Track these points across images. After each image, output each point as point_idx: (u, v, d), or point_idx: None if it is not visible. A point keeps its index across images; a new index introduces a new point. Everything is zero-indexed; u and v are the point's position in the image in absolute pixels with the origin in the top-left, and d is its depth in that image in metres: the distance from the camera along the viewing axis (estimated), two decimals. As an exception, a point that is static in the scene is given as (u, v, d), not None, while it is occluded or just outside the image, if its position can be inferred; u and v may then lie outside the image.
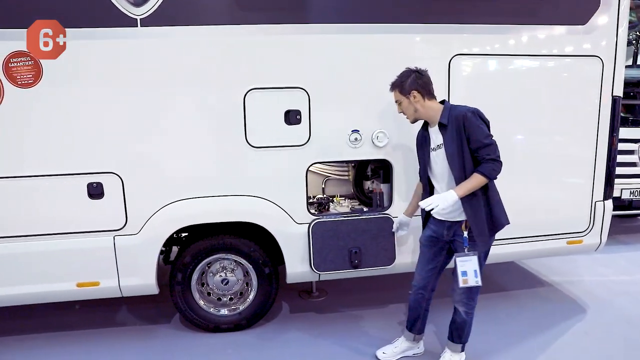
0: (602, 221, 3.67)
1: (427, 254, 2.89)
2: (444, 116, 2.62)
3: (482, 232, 2.61)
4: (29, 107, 2.86)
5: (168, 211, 3.07)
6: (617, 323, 3.56)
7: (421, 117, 2.72)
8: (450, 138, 2.58)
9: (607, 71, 3.47)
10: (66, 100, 2.89)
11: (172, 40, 2.92)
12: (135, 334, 3.45)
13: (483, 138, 2.52)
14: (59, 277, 3.06)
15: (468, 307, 2.79)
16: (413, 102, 2.65)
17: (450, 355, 2.93)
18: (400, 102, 2.72)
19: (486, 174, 2.51)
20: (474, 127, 2.52)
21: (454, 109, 2.62)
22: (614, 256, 4.99)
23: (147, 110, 2.96)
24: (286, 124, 3.11)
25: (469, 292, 2.73)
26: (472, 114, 2.55)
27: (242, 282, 3.45)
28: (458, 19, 3.22)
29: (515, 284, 4.29)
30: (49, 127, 2.90)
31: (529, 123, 3.47)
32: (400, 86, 2.68)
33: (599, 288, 4.19)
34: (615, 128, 3.57)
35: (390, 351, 3.11)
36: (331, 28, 3.07)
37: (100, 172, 2.98)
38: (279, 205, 3.20)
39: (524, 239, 3.58)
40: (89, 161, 2.96)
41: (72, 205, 2.99)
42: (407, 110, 2.71)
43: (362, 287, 4.17)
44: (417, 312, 3.00)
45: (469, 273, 2.57)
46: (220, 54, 2.99)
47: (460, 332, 2.88)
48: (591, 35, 3.42)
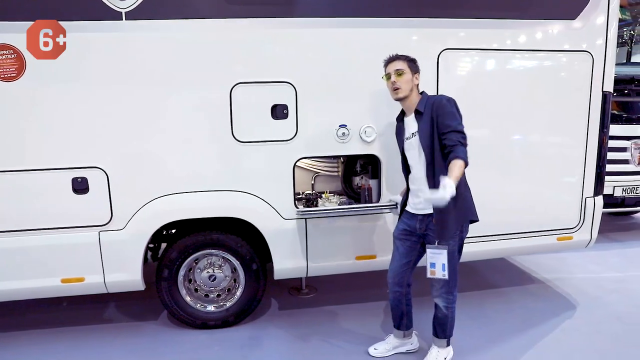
0: (592, 218, 3.66)
1: (401, 249, 2.88)
2: (422, 104, 2.66)
3: (445, 226, 2.62)
4: (11, 101, 2.83)
5: (154, 206, 3.05)
6: (607, 320, 3.54)
7: (405, 98, 2.69)
8: (425, 122, 2.62)
9: (598, 66, 3.45)
10: (50, 94, 2.86)
11: (158, 34, 2.90)
12: (123, 331, 3.42)
13: (456, 124, 2.55)
14: (44, 272, 3.04)
15: (447, 301, 2.79)
16: (414, 81, 2.69)
17: (437, 351, 2.91)
18: (403, 73, 2.65)
19: (465, 158, 2.49)
20: (446, 112, 2.56)
21: (430, 97, 2.68)
22: (605, 253, 4.98)
23: (132, 105, 2.94)
24: (273, 118, 3.08)
25: (447, 286, 2.73)
26: (447, 100, 2.60)
27: (230, 278, 3.42)
28: (447, 13, 3.20)
29: (506, 281, 4.28)
30: (32, 122, 2.87)
31: (519, 118, 3.45)
32: (412, 61, 2.71)
33: (589, 285, 4.17)
34: (606, 124, 3.55)
35: (382, 348, 3.09)
36: (318, 22, 3.05)
37: (85, 166, 2.95)
38: (266, 200, 3.17)
39: (514, 235, 3.56)
40: (74, 156, 2.93)
41: (56, 201, 2.96)
42: (407, 84, 2.66)
43: (352, 284, 4.15)
44: (400, 309, 2.98)
45: (437, 266, 2.59)
46: (207, 48, 2.97)
47: (444, 326, 2.87)
48: (581, 30, 3.40)
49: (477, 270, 4.48)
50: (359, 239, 3.36)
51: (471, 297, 3.92)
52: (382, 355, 3.06)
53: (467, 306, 3.67)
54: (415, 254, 2.88)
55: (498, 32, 3.29)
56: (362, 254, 3.38)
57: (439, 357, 2.90)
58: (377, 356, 3.05)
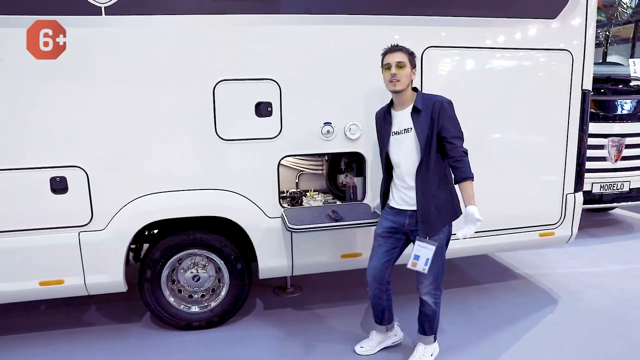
0: (573, 213, 3.72)
1: (383, 246, 2.86)
2: (419, 101, 2.63)
3: (434, 223, 2.65)
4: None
5: (136, 206, 2.99)
6: (587, 314, 3.61)
7: (401, 91, 2.63)
8: (424, 122, 2.59)
9: (577, 65, 3.51)
10: (27, 91, 2.77)
11: (139, 30, 2.84)
12: (105, 334, 3.35)
13: (457, 130, 2.61)
14: (20, 275, 2.95)
15: (435, 297, 2.81)
16: (412, 75, 2.66)
17: (424, 348, 2.93)
18: (404, 66, 2.61)
19: (472, 176, 2.59)
20: (449, 117, 2.60)
21: (429, 96, 2.67)
22: (584, 249, 5.08)
23: (113, 102, 2.87)
24: (257, 116, 3.05)
25: (435, 282, 2.76)
26: (449, 104, 2.62)
27: (214, 278, 3.38)
28: (430, 11, 3.21)
29: (489, 277, 4.32)
30: (9, 119, 2.78)
31: (501, 116, 3.49)
32: (412, 55, 2.69)
33: (569, 280, 4.25)
34: (585, 121, 3.62)
35: (368, 345, 3.09)
36: (302, 19, 3.03)
37: (64, 166, 2.87)
38: (251, 199, 3.14)
39: (498, 231, 3.60)
40: (52, 155, 2.85)
41: (33, 201, 2.88)
42: (405, 78, 2.61)
43: (337, 284, 4.14)
44: (381, 305, 2.98)
45: (421, 259, 2.61)
46: (189, 45, 2.92)
47: (432, 323, 2.89)
48: (561, 29, 3.45)
49: (460, 267, 4.52)
50: (344, 237, 3.34)
51: (455, 293, 3.95)
52: (369, 353, 3.06)
53: (451, 302, 3.70)
54: (397, 252, 2.88)
55: (481, 30, 3.32)
56: (348, 252, 3.38)
57: (425, 354, 2.91)
58: (364, 354, 3.05)
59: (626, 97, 5.63)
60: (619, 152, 5.37)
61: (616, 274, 4.39)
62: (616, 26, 6.41)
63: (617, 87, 5.69)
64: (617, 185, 5.47)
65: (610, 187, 5.44)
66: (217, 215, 3.11)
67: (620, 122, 5.49)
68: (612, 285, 4.14)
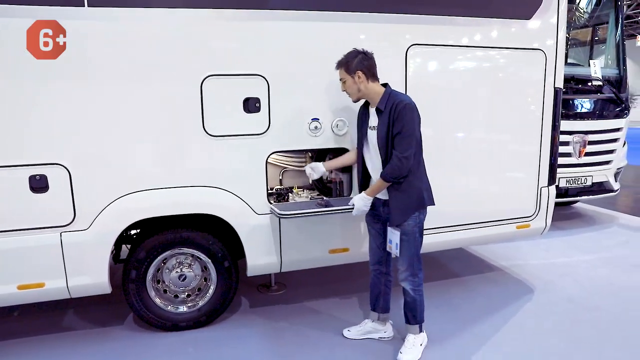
0: (547, 206, 3.89)
1: (372, 231, 3.08)
2: (382, 102, 2.74)
3: (397, 212, 2.81)
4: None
5: (122, 204, 2.90)
6: (560, 302, 3.78)
7: (363, 97, 2.83)
8: (383, 123, 2.73)
9: (550, 64, 3.67)
10: (6, 85, 2.64)
11: (124, 23, 2.76)
12: (86, 338, 3.23)
13: (404, 132, 2.65)
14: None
15: (413, 284, 2.90)
16: (357, 82, 2.74)
17: (414, 338, 2.99)
18: (344, 80, 2.80)
19: (387, 178, 2.72)
20: (403, 119, 2.65)
21: (393, 96, 2.74)
22: (553, 241, 5.31)
23: (97, 98, 2.77)
24: (245, 112, 3.03)
25: (411, 268, 2.87)
26: (408, 105, 2.66)
27: (200, 277, 3.32)
28: (413, 10, 3.27)
29: (467, 270, 4.45)
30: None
31: (480, 112, 3.62)
32: (346, 65, 2.75)
33: (542, 271, 4.43)
34: (557, 117, 3.79)
35: (355, 330, 3.19)
36: (291, 15, 3.03)
37: (44, 163, 2.75)
38: (239, 196, 3.11)
39: (478, 224, 3.72)
40: (31, 152, 2.73)
41: (11, 200, 2.74)
42: (351, 89, 2.80)
43: (320, 280, 4.16)
44: (377, 288, 3.11)
45: (393, 243, 2.89)
46: (176, 39, 2.86)
47: (414, 311, 2.97)
48: (535, 29, 3.61)
49: (439, 261, 4.63)
50: (332, 232, 3.37)
51: (435, 286, 4.05)
52: (355, 337, 3.17)
53: (432, 295, 3.79)
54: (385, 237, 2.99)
55: (460, 29, 3.42)
56: (336, 247, 3.40)
57: (415, 344, 2.98)
58: (350, 337, 3.16)
59: (588, 95, 5.94)
60: (582, 148, 5.65)
61: (585, 264, 4.62)
62: (575, 29, 6.71)
63: (579, 86, 5.98)
64: (581, 179, 5.75)
65: (575, 181, 5.72)
66: (206, 212, 3.06)
67: (583, 119, 5.78)
68: (581, 274, 4.35)
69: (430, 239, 3.50)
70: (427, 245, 3.48)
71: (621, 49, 6.22)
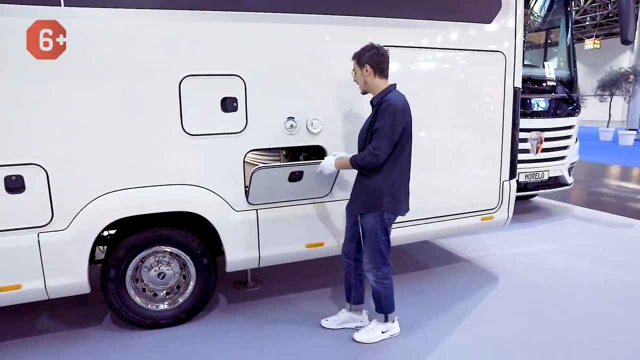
0: (508, 198, 4.14)
1: (347, 224, 3.22)
2: (377, 97, 2.91)
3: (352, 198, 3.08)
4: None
5: (101, 203, 2.90)
6: (523, 287, 4.03)
7: (368, 90, 2.99)
8: (369, 119, 2.94)
9: (509, 65, 3.92)
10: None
11: (102, 23, 2.77)
12: (63, 340, 3.20)
13: (380, 131, 2.80)
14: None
15: (376, 276, 3.05)
16: (365, 74, 2.91)
17: (375, 324, 3.16)
18: (355, 72, 2.98)
19: (352, 161, 2.92)
20: (382, 118, 2.81)
21: (388, 95, 2.88)
22: (514, 232, 5.61)
23: (76, 97, 2.77)
24: (223, 111, 3.10)
25: (373, 262, 3.02)
26: (391, 107, 2.79)
27: (179, 275, 3.36)
28: (380, 13, 3.42)
29: (436, 262, 4.66)
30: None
31: (444, 111, 3.81)
32: (359, 57, 2.92)
33: (505, 260, 4.70)
34: (517, 115, 4.05)
35: (332, 319, 3.33)
36: (267, 17, 3.11)
37: (20, 164, 2.73)
38: (218, 193, 3.17)
39: (447, 217, 3.92)
40: (6, 152, 2.69)
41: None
42: (359, 80, 2.97)
43: (295, 275, 4.27)
44: (349, 280, 3.27)
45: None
46: (154, 39, 2.89)
47: (378, 301, 3.12)
48: (495, 32, 3.84)
49: (409, 254, 4.82)
50: (308, 227, 3.47)
51: (408, 277, 4.23)
52: (332, 327, 3.29)
53: (405, 285, 3.99)
54: (357, 230, 3.09)
55: (425, 31, 3.60)
56: (312, 242, 3.51)
57: (375, 329, 3.14)
58: (327, 327, 3.29)
59: (543, 95, 6.30)
60: (539, 144, 5.99)
61: (544, 253, 4.92)
62: (530, 33, 7.10)
63: (535, 87, 6.33)
64: (539, 174, 6.10)
65: (533, 176, 6.06)
66: (186, 210, 3.11)
67: (540, 118, 6.13)
68: (541, 262, 4.64)
69: (402, 231, 3.69)
70: (400, 237, 3.70)
71: (572, 52, 6.63)
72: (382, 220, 2.95)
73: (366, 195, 2.95)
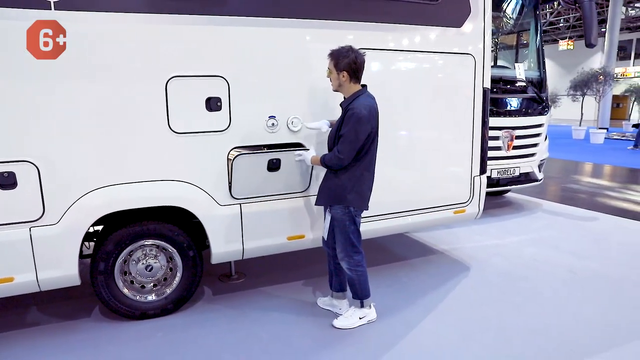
0: (479, 193, 4.39)
1: (324, 216, 3.37)
2: (346, 101, 3.12)
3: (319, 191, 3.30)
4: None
5: (91, 198, 3.03)
6: (494, 276, 4.29)
7: (340, 91, 3.18)
8: (337, 122, 3.14)
9: (479, 67, 4.16)
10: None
11: (90, 26, 2.90)
12: (53, 332, 3.31)
13: (345, 137, 3.00)
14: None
15: (349, 264, 3.25)
16: (340, 79, 3.08)
17: (353, 310, 3.38)
18: (330, 72, 3.13)
19: (324, 160, 3.15)
20: (347, 125, 3.01)
21: (356, 100, 3.07)
22: (486, 226, 5.89)
23: (67, 96, 2.90)
24: (207, 110, 3.25)
25: (345, 251, 3.23)
26: (356, 115, 2.98)
27: (166, 267, 3.50)
28: (359, 17, 3.62)
29: (412, 254, 4.89)
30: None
31: (417, 110, 4.02)
32: (337, 61, 3.06)
33: (477, 252, 4.95)
34: (486, 114, 4.29)
35: (322, 300, 3.68)
36: (247, 21, 3.26)
37: (12, 161, 2.84)
38: (204, 189, 3.33)
39: (421, 211, 4.14)
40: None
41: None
42: (333, 80, 3.15)
43: (278, 266, 4.44)
44: (330, 268, 3.51)
45: (325, 223, 3.33)
46: (141, 42, 3.03)
47: (353, 287, 3.34)
48: (465, 36, 4.08)
49: (385, 247, 5.04)
50: (289, 220, 3.64)
51: (385, 269, 4.44)
52: (321, 306, 3.61)
53: (382, 275, 4.20)
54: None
55: (399, 35, 3.80)
56: (293, 234, 3.69)
57: (353, 315, 3.35)
58: (318, 304, 3.61)
59: (514, 95, 6.60)
60: (510, 142, 6.28)
61: (514, 244, 5.20)
62: (502, 35, 7.41)
63: (507, 86, 6.63)
64: (510, 170, 6.39)
65: (505, 172, 6.34)
66: (174, 205, 3.25)
67: (511, 116, 6.42)
68: (510, 253, 4.91)
69: (380, 224, 3.91)
70: (376, 230, 3.91)
71: (541, 54, 6.95)
72: (350, 212, 3.16)
73: (332, 191, 3.17)
